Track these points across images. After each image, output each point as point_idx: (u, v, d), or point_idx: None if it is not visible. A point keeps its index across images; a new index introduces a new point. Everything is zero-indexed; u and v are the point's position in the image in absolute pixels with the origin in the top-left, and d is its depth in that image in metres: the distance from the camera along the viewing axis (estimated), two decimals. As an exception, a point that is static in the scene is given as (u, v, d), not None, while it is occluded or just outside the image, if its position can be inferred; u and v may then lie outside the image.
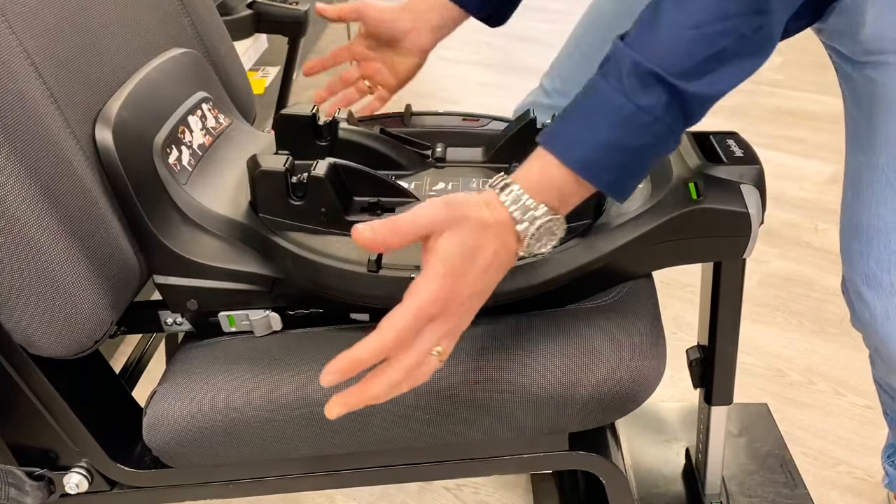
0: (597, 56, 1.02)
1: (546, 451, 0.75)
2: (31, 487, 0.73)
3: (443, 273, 0.55)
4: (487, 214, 0.57)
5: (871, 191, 0.80)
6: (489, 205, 0.57)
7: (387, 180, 0.73)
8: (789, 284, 1.67)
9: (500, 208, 0.58)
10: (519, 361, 0.68)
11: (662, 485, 1.04)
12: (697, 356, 0.86)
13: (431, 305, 0.55)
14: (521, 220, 0.58)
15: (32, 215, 0.62)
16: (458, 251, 0.55)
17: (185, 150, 0.77)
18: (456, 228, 0.55)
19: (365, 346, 0.54)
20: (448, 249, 0.55)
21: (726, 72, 0.58)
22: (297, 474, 0.76)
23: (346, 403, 0.56)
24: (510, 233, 0.58)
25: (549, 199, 0.58)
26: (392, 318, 0.54)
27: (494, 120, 0.86)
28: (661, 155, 0.61)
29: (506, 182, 0.59)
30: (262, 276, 0.71)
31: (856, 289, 0.84)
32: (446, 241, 0.55)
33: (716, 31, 0.57)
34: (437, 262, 0.55)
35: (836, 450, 1.29)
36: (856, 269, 0.83)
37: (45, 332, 0.65)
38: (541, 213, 0.58)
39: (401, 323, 0.54)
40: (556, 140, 0.59)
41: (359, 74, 0.95)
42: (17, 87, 0.62)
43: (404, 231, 0.55)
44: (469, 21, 1.01)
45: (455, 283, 0.55)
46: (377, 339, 0.54)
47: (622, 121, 0.57)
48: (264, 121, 1.90)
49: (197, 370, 0.72)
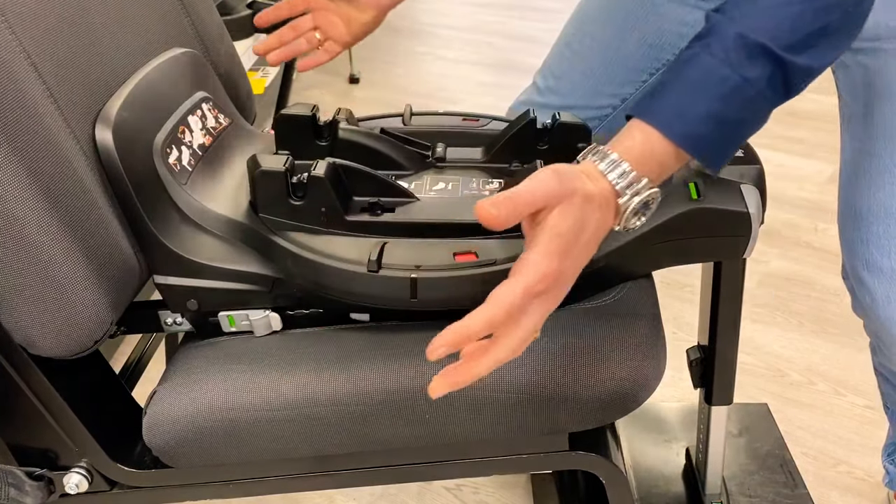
0: (587, 53, 1.02)
1: (546, 451, 0.75)
2: (31, 487, 0.73)
3: (554, 251, 0.54)
4: (591, 187, 0.56)
5: (869, 177, 0.80)
6: (591, 176, 0.57)
7: (387, 180, 0.73)
8: (789, 284, 1.67)
9: (603, 180, 0.57)
10: (519, 361, 0.68)
11: (662, 485, 1.04)
12: (698, 356, 0.86)
13: (541, 282, 0.54)
14: (623, 192, 0.57)
15: (32, 215, 0.62)
16: (569, 228, 0.54)
17: (185, 150, 0.77)
18: (567, 203, 0.54)
19: (475, 319, 0.53)
20: (560, 226, 0.54)
21: (827, 46, 0.59)
22: (297, 474, 0.76)
23: (452, 383, 0.55)
24: (611, 206, 0.57)
25: (650, 171, 0.57)
26: (502, 293, 0.53)
27: (494, 120, 0.85)
28: (756, 129, 0.61)
29: (606, 153, 0.57)
30: (263, 276, 0.71)
31: (856, 274, 0.84)
32: (558, 217, 0.54)
33: (823, 5, 0.58)
34: (549, 240, 0.54)
35: (836, 450, 1.29)
36: (856, 255, 0.84)
37: (45, 332, 0.65)
38: (643, 186, 0.57)
39: (510, 298, 0.53)
40: (657, 113, 0.58)
41: (311, 25, 0.93)
42: (17, 87, 0.62)
43: (522, 207, 0.54)
44: (469, 21, 1.01)
45: (564, 261, 0.54)
46: (487, 312, 0.53)
47: (727, 93, 0.57)
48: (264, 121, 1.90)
49: (197, 370, 0.72)
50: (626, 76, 0.97)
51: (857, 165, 0.82)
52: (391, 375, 0.68)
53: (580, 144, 0.78)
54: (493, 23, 3.31)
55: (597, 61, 0.98)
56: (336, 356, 0.70)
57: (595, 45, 0.98)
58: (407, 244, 0.69)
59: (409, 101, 0.92)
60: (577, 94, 1.00)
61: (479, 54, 3.03)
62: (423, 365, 0.68)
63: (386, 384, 0.68)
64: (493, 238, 0.70)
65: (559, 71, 1.02)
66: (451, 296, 0.68)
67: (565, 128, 0.78)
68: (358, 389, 0.68)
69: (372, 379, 0.68)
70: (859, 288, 0.85)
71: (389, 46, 3.18)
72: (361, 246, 0.68)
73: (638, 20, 0.94)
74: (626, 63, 0.96)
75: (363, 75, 2.85)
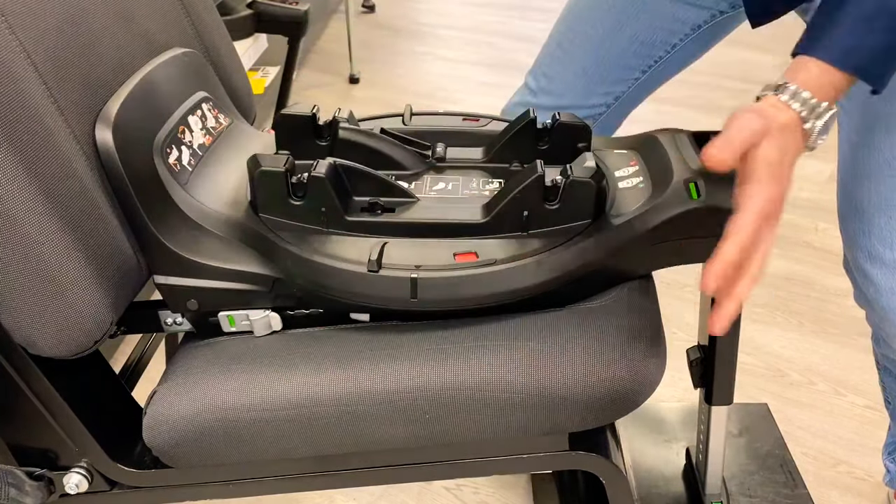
0: (579, 53, 1.03)
1: (546, 451, 0.75)
2: (31, 487, 0.73)
3: (772, 177, 0.62)
4: (783, 117, 0.64)
5: (868, 169, 0.81)
6: (777, 108, 0.65)
7: (387, 180, 0.73)
8: (789, 284, 1.67)
9: (788, 110, 0.65)
10: (519, 361, 0.68)
11: (662, 485, 1.04)
12: (698, 356, 0.86)
13: (768, 205, 0.62)
14: (808, 118, 0.65)
15: (32, 215, 0.62)
16: (777, 156, 0.63)
17: (185, 149, 0.77)
18: (770, 136, 0.63)
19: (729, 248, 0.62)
20: (770, 155, 0.62)
21: None
22: (297, 474, 0.76)
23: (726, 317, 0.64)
24: (800, 132, 0.65)
25: (828, 96, 0.65)
26: (741, 222, 0.62)
27: (494, 120, 0.85)
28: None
29: (787, 86, 0.65)
30: (263, 276, 0.71)
31: (859, 266, 0.85)
32: (767, 148, 0.63)
33: None
34: (764, 168, 0.62)
35: (836, 450, 1.29)
36: (859, 248, 0.85)
37: (44, 332, 0.65)
38: (823, 109, 0.65)
39: (750, 223, 0.62)
40: (831, 49, 0.65)
41: None
42: (17, 87, 0.62)
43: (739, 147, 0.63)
44: (469, 21, 1.01)
45: (779, 185, 0.63)
46: (736, 240, 0.62)
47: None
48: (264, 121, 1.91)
49: (197, 370, 0.72)
50: (619, 74, 0.97)
51: (856, 159, 0.83)
52: (391, 375, 0.68)
53: (581, 144, 0.78)
54: (493, 23, 3.32)
55: (589, 60, 0.98)
56: (336, 356, 0.70)
57: (587, 44, 0.98)
58: (407, 244, 0.69)
59: (409, 101, 0.92)
60: (571, 94, 1.00)
61: (479, 54, 3.04)
62: (423, 365, 0.68)
63: (386, 384, 0.68)
64: (493, 238, 0.70)
65: (551, 71, 1.02)
66: (451, 296, 0.68)
67: (566, 128, 0.78)
68: (358, 389, 0.68)
69: (372, 379, 0.68)
70: (862, 279, 0.85)
71: (389, 46, 3.18)
72: (361, 246, 0.68)
73: (629, 18, 0.95)
74: (619, 61, 0.97)
75: (363, 75, 2.85)
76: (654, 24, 0.94)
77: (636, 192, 0.74)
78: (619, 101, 1.00)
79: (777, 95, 0.65)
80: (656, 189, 0.73)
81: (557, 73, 1.01)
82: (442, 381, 0.68)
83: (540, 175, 0.67)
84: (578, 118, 0.79)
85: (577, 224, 0.70)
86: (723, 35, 0.98)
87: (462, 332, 0.70)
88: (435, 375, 0.68)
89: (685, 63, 0.99)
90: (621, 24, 0.95)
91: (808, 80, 0.65)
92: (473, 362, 0.68)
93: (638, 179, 0.76)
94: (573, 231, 0.69)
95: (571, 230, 0.69)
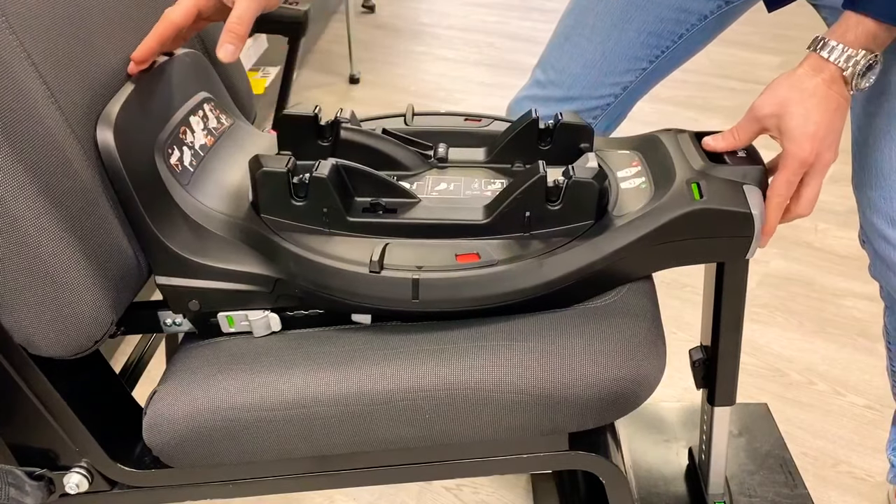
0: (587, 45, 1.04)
1: (546, 451, 0.75)
2: (31, 487, 0.73)
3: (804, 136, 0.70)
4: (819, 79, 0.71)
5: (889, 136, 0.83)
6: (816, 68, 0.72)
7: (388, 181, 0.73)
8: (789, 284, 1.67)
9: (828, 66, 0.71)
10: (519, 361, 0.68)
11: (663, 485, 1.04)
12: (700, 357, 0.86)
13: (801, 168, 0.71)
14: (846, 67, 0.71)
15: (32, 216, 0.62)
16: (801, 124, 0.71)
17: (186, 150, 0.77)
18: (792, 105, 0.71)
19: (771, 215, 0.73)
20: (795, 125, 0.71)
21: None
22: (297, 474, 0.76)
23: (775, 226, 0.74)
24: (841, 82, 0.72)
25: (867, 44, 0.71)
26: (776, 186, 0.73)
27: (496, 120, 0.85)
28: None
29: (826, 41, 0.72)
30: (264, 277, 0.71)
31: (881, 233, 0.85)
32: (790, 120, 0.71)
33: None
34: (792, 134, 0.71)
35: (836, 450, 1.29)
36: (879, 214, 0.86)
37: (44, 332, 0.65)
38: (861, 56, 0.71)
39: (783, 188, 0.72)
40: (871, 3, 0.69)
41: None
42: (17, 88, 0.62)
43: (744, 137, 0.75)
44: (469, 21, 1.01)
45: (811, 143, 0.71)
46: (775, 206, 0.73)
47: None
48: (264, 121, 1.90)
49: (197, 370, 0.72)
50: (627, 65, 0.98)
51: (870, 127, 0.84)
52: (391, 375, 0.68)
53: (583, 144, 0.78)
54: (493, 23, 3.31)
55: (597, 52, 0.99)
56: (336, 356, 0.70)
57: (595, 36, 0.99)
58: (409, 245, 0.69)
59: (409, 101, 0.91)
60: (580, 85, 1.01)
61: (479, 54, 3.03)
62: (424, 365, 0.68)
63: (386, 384, 0.68)
64: (495, 239, 0.70)
65: (560, 64, 1.03)
66: (452, 297, 0.68)
67: (567, 128, 0.78)
68: (358, 389, 0.68)
69: (372, 379, 0.68)
70: (884, 247, 0.86)
71: (389, 46, 3.18)
72: (363, 247, 0.68)
73: (637, 9, 0.96)
74: (626, 52, 0.97)
75: (363, 75, 2.85)
76: (661, 14, 0.95)
77: (638, 193, 0.74)
78: (626, 91, 1.01)
79: (816, 52, 0.72)
80: (659, 190, 0.73)
81: (566, 66, 1.02)
82: (442, 381, 0.68)
83: (542, 176, 0.67)
84: (581, 118, 0.79)
85: (579, 225, 0.69)
86: (729, 23, 1.00)
87: (462, 333, 0.70)
88: (435, 375, 0.68)
89: (692, 52, 1.01)
90: (629, 16, 0.96)
91: (846, 33, 0.71)
92: (473, 362, 0.68)
93: (640, 180, 0.76)
94: (575, 232, 0.69)
95: (573, 231, 0.69)
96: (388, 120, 0.85)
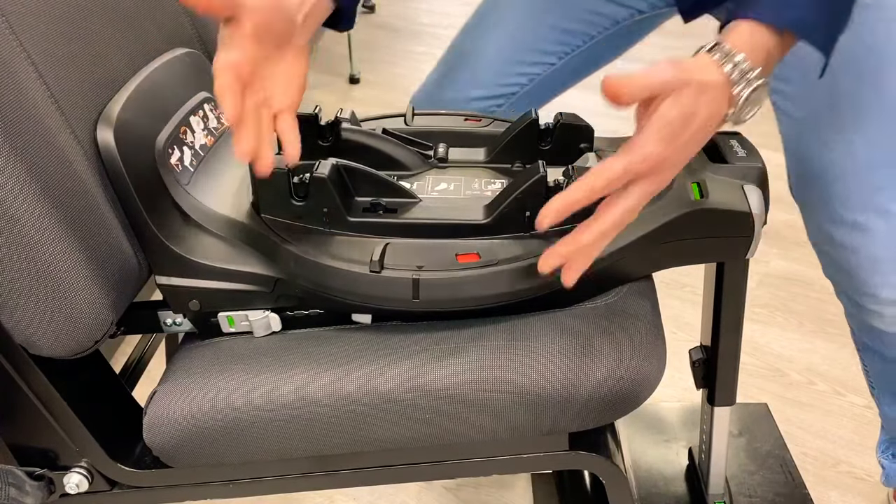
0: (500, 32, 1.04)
1: (546, 451, 0.75)
2: (31, 487, 0.73)
3: (661, 137, 0.57)
4: (707, 78, 0.58)
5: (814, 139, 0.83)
6: (705, 68, 0.59)
7: (389, 181, 0.73)
8: (789, 284, 1.67)
9: (717, 71, 0.59)
10: (519, 361, 0.68)
11: (663, 485, 1.04)
12: (700, 357, 0.86)
13: (643, 163, 0.57)
14: (738, 82, 0.59)
15: (32, 216, 0.62)
16: (678, 117, 0.57)
17: (186, 150, 0.77)
18: (678, 94, 0.57)
19: (576, 187, 0.58)
20: (669, 114, 0.57)
21: None
22: (297, 474, 0.76)
23: (559, 254, 0.60)
24: (725, 97, 0.59)
25: (759, 61, 0.59)
26: (604, 166, 0.57)
27: (496, 120, 0.85)
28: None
29: (721, 45, 0.59)
30: (264, 277, 0.71)
31: (828, 236, 0.85)
32: (668, 106, 0.57)
33: None
34: (658, 126, 0.57)
35: (836, 450, 1.29)
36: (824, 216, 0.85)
37: (45, 332, 0.65)
38: (755, 76, 0.59)
39: (611, 173, 0.57)
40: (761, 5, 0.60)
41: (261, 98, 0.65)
42: (17, 88, 0.62)
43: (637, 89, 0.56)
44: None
45: (668, 146, 0.57)
46: (587, 180, 0.57)
47: None
48: (264, 120, 1.90)
49: (197, 370, 0.72)
50: (536, 58, 0.99)
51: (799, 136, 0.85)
52: (391, 375, 0.68)
53: (583, 144, 0.78)
54: (493, 22, 3.31)
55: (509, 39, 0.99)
56: (336, 356, 0.70)
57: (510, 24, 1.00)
58: (409, 245, 0.69)
59: (409, 102, 0.92)
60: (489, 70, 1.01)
61: (478, 54, 3.03)
62: (424, 365, 0.68)
63: (386, 384, 0.68)
64: (495, 238, 0.70)
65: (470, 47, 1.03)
66: (453, 296, 0.68)
67: (567, 128, 0.78)
68: (358, 389, 0.68)
69: (372, 379, 0.68)
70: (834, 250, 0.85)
71: (389, 46, 3.18)
72: (364, 246, 0.68)
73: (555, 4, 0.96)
74: (537, 45, 0.98)
75: (363, 75, 2.85)
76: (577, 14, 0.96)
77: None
78: (533, 84, 1.01)
79: (710, 54, 0.59)
80: (658, 189, 0.73)
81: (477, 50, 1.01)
82: (442, 381, 0.68)
83: (542, 175, 0.67)
84: (581, 119, 0.79)
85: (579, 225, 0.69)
86: (647, 32, 1.00)
87: (462, 333, 0.70)
88: (435, 375, 0.68)
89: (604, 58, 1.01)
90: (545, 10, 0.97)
91: (740, 37, 0.59)
92: (473, 362, 0.68)
93: (640, 180, 0.75)
94: (575, 232, 0.69)
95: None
96: (388, 120, 0.85)
